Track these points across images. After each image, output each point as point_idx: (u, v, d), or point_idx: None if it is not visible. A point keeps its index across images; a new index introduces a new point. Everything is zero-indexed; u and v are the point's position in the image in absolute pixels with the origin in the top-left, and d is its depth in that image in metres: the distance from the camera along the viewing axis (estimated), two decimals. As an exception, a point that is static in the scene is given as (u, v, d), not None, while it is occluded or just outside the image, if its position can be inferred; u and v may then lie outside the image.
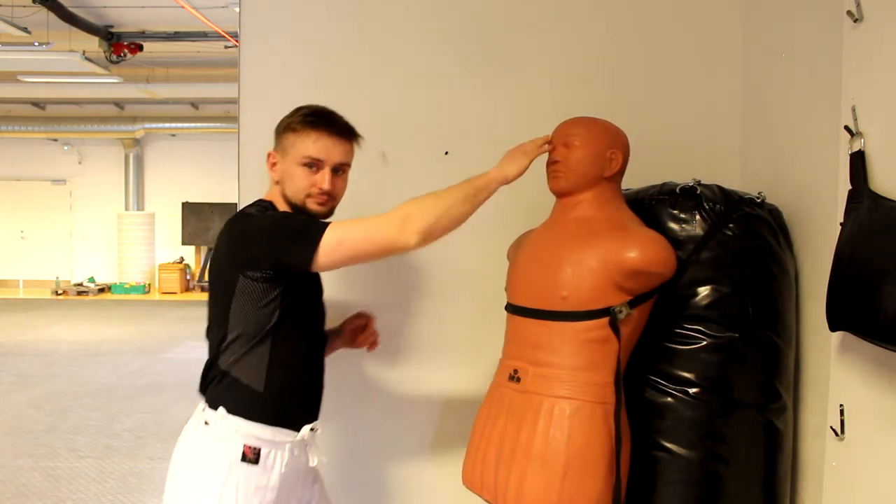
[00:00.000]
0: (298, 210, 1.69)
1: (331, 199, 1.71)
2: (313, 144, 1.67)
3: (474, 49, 2.33)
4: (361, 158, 1.85)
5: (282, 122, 1.74)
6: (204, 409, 1.66)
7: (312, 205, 1.68)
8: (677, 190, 1.83)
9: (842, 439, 1.62)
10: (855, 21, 1.57)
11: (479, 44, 2.33)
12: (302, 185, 1.67)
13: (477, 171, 2.33)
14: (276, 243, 1.58)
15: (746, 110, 2.26)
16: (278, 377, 1.65)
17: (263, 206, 1.71)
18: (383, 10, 2.35)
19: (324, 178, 1.68)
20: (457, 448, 1.97)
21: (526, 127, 1.95)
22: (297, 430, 1.67)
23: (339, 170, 1.72)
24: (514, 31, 2.34)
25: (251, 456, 1.60)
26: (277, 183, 1.72)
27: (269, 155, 1.74)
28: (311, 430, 1.71)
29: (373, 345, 2.02)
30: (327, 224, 1.59)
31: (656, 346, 1.79)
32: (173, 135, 12.80)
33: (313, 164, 1.67)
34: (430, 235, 1.57)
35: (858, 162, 1.52)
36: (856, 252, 1.47)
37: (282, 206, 1.71)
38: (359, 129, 1.78)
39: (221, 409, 1.62)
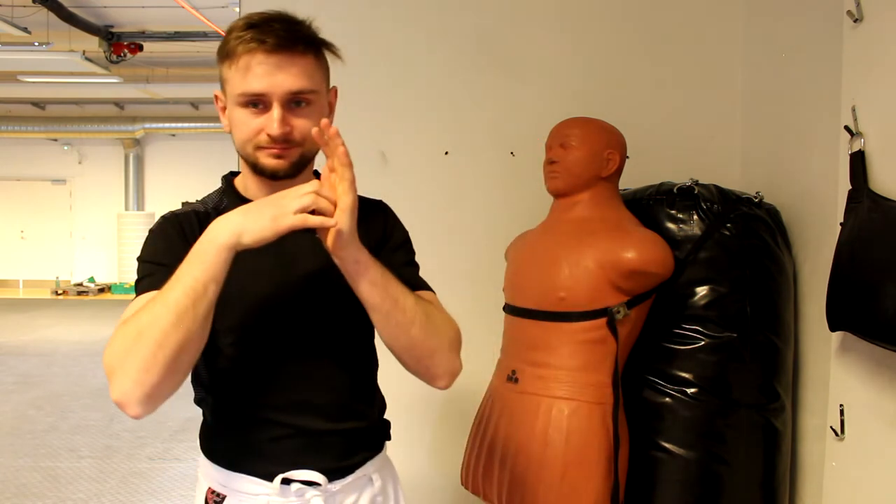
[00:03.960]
0: (254, 168, 1.18)
1: (290, 147, 1.15)
2: (249, 73, 1.12)
3: (475, 49, 2.32)
4: (362, 158, 1.84)
5: (221, 42, 1.19)
6: None
7: (266, 158, 1.15)
8: (675, 190, 1.83)
9: (842, 439, 1.62)
10: (855, 21, 1.57)
11: (479, 44, 2.33)
12: (247, 133, 1.15)
13: (476, 171, 2.35)
14: None
15: (746, 110, 2.26)
16: (223, 403, 1.24)
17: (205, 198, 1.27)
18: (383, 10, 2.35)
19: (270, 120, 1.12)
20: (455, 448, 1.97)
21: (526, 127, 1.95)
22: (271, 479, 1.19)
23: (299, 101, 1.14)
24: (514, 31, 2.33)
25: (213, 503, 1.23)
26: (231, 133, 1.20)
27: (215, 97, 1.22)
28: (305, 483, 1.19)
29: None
30: (149, 287, 1.10)
31: (654, 346, 1.79)
32: (173, 135, 12.79)
33: (256, 102, 1.13)
34: (150, 399, 1.01)
35: (858, 162, 1.52)
36: (856, 252, 1.47)
37: (244, 170, 1.24)
38: (359, 129, 1.70)
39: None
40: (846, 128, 1.58)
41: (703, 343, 1.75)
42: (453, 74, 2.32)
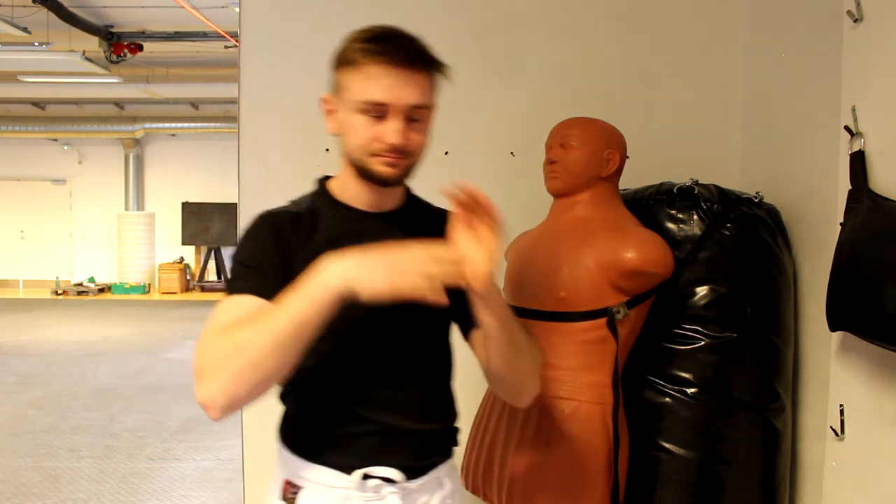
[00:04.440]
0: (363, 173, 1.23)
1: (403, 158, 1.22)
2: (374, 82, 1.17)
3: (475, 49, 2.32)
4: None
5: (338, 50, 1.26)
6: None
7: (378, 166, 1.21)
8: (675, 190, 1.83)
9: (842, 439, 1.62)
10: (855, 21, 1.57)
11: (479, 44, 2.33)
12: (362, 140, 1.20)
13: (476, 171, 2.35)
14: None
15: (746, 110, 2.26)
16: (310, 397, 1.26)
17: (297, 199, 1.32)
18: (382, 10, 2.34)
19: (391, 130, 1.18)
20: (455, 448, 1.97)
21: (526, 127, 1.95)
22: (347, 471, 1.22)
23: (415, 116, 1.22)
24: (515, 30, 2.33)
25: (289, 496, 1.24)
26: (338, 137, 1.26)
27: (323, 100, 1.27)
28: (384, 480, 1.22)
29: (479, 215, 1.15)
30: (241, 289, 1.16)
31: (654, 346, 1.79)
32: (173, 135, 12.79)
33: (375, 111, 1.19)
34: (227, 395, 1.06)
35: (858, 162, 1.52)
36: (856, 252, 1.47)
37: (346, 173, 1.27)
38: None
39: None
40: (846, 128, 1.58)
41: (703, 343, 1.75)
42: (453, 74, 2.32)
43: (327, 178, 1.34)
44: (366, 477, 1.22)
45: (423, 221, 1.32)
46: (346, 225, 1.26)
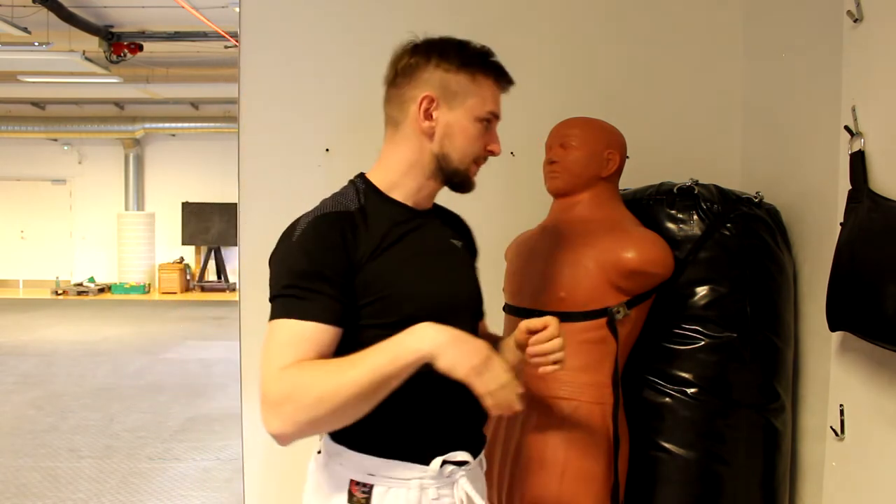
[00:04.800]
0: (455, 176, 1.30)
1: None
2: (492, 97, 1.30)
3: (474, 49, 2.32)
4: (362, 158, 1.84)
5: (439, 56, 1.28)
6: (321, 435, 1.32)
7: (474, 172, 1.33)
8: (675, 190, 1.83)
9: (842, 439, 1.62)
10: (855, 21, 1.57)
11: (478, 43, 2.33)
12: (477, 146, 1.29)
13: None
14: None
15: (746, 110, 2.26)
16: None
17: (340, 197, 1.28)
18: (383, 10, 2.35)
19: (496, 140, 1.32)
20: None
21: (526, 127, 1.95)
22: (427, 462, 1.25)
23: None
24: (514, 30, 2.33)
25: (359, 495, 1.23)
26: (428, 137, 1.27)
27: (429, 99, 1.26)
28: (456, 464, 1.27)
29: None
30: (310, 314, 1.16)
31: (654, 346, 1.79)
32: (173, 135, 12.78)
33: (489, 122, 1.30)
34: (299, 433, 1.12)
35: (858, 162, 1.52)
36: (856, 252, 1.47)
37: (405, 172, 1.30)
38: (359, 129, 1.74)
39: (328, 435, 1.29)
40: (846, 128, 1.58)
41: (703, 343, 1.75)
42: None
43: (363, 175, 1.34)
44: (443, 463, 1.25)
45: (450, 222, 1.44)
46: (407, 221, 1.29)
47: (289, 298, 1.16)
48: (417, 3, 2.35)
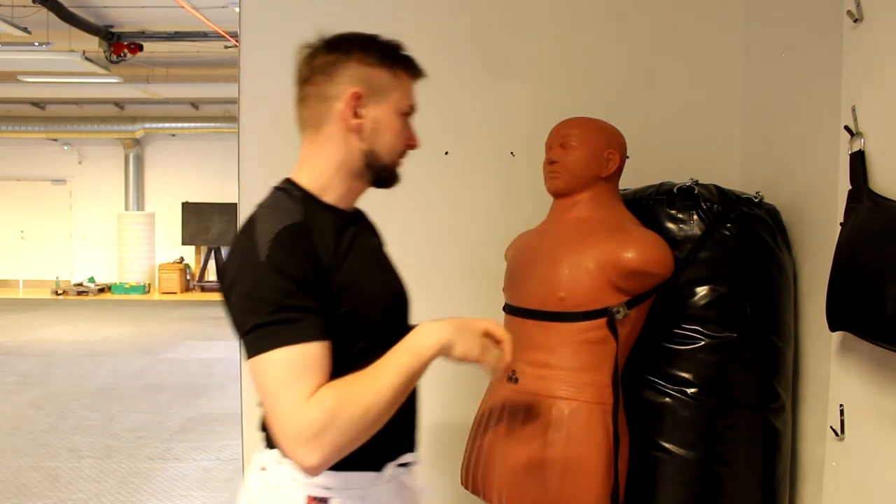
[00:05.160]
0: (384, 172, 1.29)
1: None
2: (411, 90, 1.30)
3: (475, 49, 2.32)
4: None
5: (360, 51, 1.25)
6: (261, 451, 1.28)
7: (399, 167, 1.32)
8: (675, 190, 1.83)
9: (842, 439, 1.62)
10: (855, 21, 1.57)
11: (479, 44, 2.33)
12: (402, 141, 1.29)
13: (476, 171, 2.35)
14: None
15: (746, 110, 2.26)
16: None
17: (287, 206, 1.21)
18: (383, 11, 2.35)
19: (415, 133, 1.32)
20: (455, 448, 1.97)
21: (526, 127, 1.95)
22: (379, 469, 1.26)
23: None
24: (514, 30, 2.34)
25: None
26: (356, 134, 1.24)
27: (357, 96, 1.22)
28: (401, 465, 1.29)
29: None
30: (305, 336, 1.11)
31: (654, 346, 1.79)
32: (173, 135, 12.78)
33: (408, 115, 1.30)
34: (337, 457, 1.11)
35: (858, 162, 1.52)
36: (856, 252, 1.47)
37: (333, 173, 1.26)
38: None
39: (276, 451, 1.22)
40: (846, 128, 1.58)
41: (703, 343, 1.75)
42: (453, 74, 2.32)
43: (291, 180, 1.28)
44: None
45: (368, 221, 1.41)
46: (348, 226, 1.25)
47: (279, 325, 1.08)
48: (417, 4, 2.35)
